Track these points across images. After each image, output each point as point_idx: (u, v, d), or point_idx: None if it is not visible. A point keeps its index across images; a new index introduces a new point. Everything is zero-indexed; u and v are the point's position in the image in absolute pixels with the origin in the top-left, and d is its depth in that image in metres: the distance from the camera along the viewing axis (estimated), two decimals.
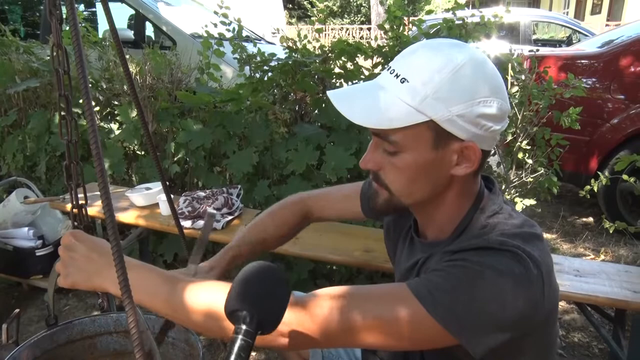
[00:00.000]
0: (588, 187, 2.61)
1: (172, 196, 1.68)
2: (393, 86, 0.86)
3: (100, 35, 4.08)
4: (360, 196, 1.28)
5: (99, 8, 5.91)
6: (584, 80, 3.37)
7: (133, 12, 5.17)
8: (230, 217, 2.25)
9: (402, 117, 0.84)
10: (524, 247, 0.82)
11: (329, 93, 0.91)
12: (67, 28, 3.73)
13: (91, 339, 1.49)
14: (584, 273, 1.86)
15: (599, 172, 3.10)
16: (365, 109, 0.87)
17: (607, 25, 14.64)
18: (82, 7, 6.08)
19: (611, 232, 2.48)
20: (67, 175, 1.23)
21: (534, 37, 8.09)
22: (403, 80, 0.85)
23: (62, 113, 1.23)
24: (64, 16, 1.11)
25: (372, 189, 0.98)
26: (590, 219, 3.89)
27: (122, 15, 5.50)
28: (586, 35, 7.69)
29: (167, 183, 1.85)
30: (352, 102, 0.89)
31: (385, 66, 0.92)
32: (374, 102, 0.87)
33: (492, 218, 0.92)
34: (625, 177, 2.46)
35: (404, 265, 1.07)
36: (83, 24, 3.63)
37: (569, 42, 8.26)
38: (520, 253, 0.81)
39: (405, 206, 0.95)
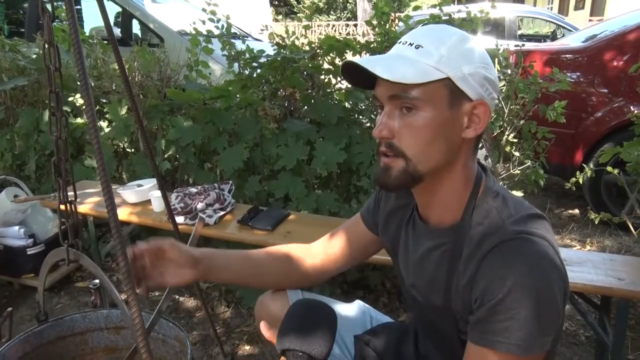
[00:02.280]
0: (574, 179, 2.65)
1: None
2: (409, 52, 0.94)
3: (87, 33, 4.06)
4: (361, 215, 1.32)
5: (84, 5, 5.87)
6: (569, 74, 3.43)
7: (119, 9, 5.15)
8: (222, 213, 2.27)
9: (423, 74, 0.90)
10: (536, 231, 0.91)
11: (348, 60, 0.95)
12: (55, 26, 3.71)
13: (82, 335, 1.49)
14: (570, 262, 1.90)
15: (584, 165, 3.16)
16: (389, 67, 0.91)
17: (590, 20, 14.79)
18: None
19: (596, 223, 2.53)
20: (56, 172, 1.24)
21: (519, 32, 8.16)
22: (417, 47, 0.94)
23: (52, 110, 1.24)
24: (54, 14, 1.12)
25: (380, 169, 0.98)
26: (576, 211, 3.95)
27: (108, 12, 5.47)
28: (570, 30, 7.77)
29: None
30: (374, 63, 0.92)
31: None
32: (395, 62, 0.93)
33: (495, 201, 0.98)
34: (609, 169, 2.51)
35: (415, 255, 1.09)
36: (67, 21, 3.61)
37: (553, 37, 8.35)
38: (535, 239, 0.89)
39: (421, 175, 0.96)
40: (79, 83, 3.08)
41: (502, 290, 0.85)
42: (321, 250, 1.33)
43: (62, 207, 1.18)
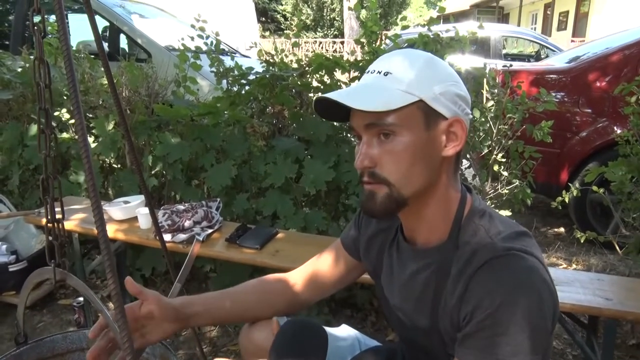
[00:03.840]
0: (559, 198, 2.68)
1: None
2: (379, 80, 0.95)
3: (74, 47, 4.03)
4: (341, 240, 1.32)
5: (71, 19, 5.84)
6: (554, 94, 3.47)
7: (107, 23, 5.13)
8: (210, 231, 2.24)
9: (396, 100, 0.91)
10: (525, 248, 0.91)
11: (321, 96, 0.96)
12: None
13: (62, 357, 1.45)
14: (558, 282, 1.90)
15: (569, 184, 3.19)
16: (362, 97, 0.93)
17: (572, 41, 15.11)
18: (52, 17, 5.99)
19: (582, 241, 2.54)
20: (43, 189, 1.22)
21: (504, 51, 8.28)
22: (386, 74, 0.95)
23: (42, 127, 1.22)
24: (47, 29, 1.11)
25: (365, 196, 0.98)
26: (562, 230, 3.98)
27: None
28: (553, 51, 7.91)
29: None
30: (345, 96, 0.93)
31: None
32: (367, 92, 0.95)
33: (482, 219, 0.98)
34: (594, 188, 2.53)
35: (402, 277, 1.08)
36: (54, 35, 3.58)
37: (537, 56, 8.48)
38: (525, 256, 0.89)
39: (405, 200, 0.96)
40: (65, 98, 3.06)
41: (492, 305, 0.85)
42: (304, 277, 1.32)
43: (49, 225, 1.15)
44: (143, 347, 1.14)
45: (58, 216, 1.24)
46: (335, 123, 2.75)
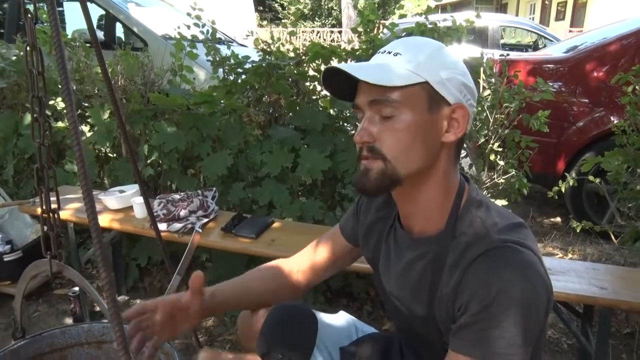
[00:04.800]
0: (556, 188, 2.68)
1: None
2: (388, 58, 0.96)
3: (70, 36, 4.00)
4: (340, 227, 1.33)
5: (66, 7, 5.80)
6: (551, 84, 3.46)
7: (103, 12, 5.09)
8: (205, 220, 2.24)
9: (402, 77, 0.93)
10: (521, 240, 0.91)
11: (330, 66, 0.97)
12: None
13: (61, 352, 1.44)
14: (554, 271, 1.91)
15: (566, 174, 3.18)
16: (369, 71, 0.94)
17: (570, 31, 15.03)
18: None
19: (578, 231, 2.55)
20: (38, 179, 1.21)
21: (502, 41, 8.25)
22: (396, 54, 0.96)
23: (35, 115, 1.21)
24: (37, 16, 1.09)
25: (360, 172, 0.98)
26: (558, 219, 3.99)
27: (91, 15, 5.40)
28: (551, 40, 7.88)
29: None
30: (355, 68, 0.94)
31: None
32: (375, 67, 0.96)
33: (479, 210, 0.98)
34: (591, 178, 2.53)
35: (398, 266, 1.08)
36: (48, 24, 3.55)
37: (535, 46, 8.46)
38: (521, 249, 0.90)
39: (399, 178, 0.96)
40: (60, 87, 3.03)
41: (487, 297, 0.85)
42: (304, 263, 1.34)
43: (45, 216, 1.15)
44: (175, 336, 1.17)
45: (53, 206, 1.24)
46: (331, 112, 2.74)
